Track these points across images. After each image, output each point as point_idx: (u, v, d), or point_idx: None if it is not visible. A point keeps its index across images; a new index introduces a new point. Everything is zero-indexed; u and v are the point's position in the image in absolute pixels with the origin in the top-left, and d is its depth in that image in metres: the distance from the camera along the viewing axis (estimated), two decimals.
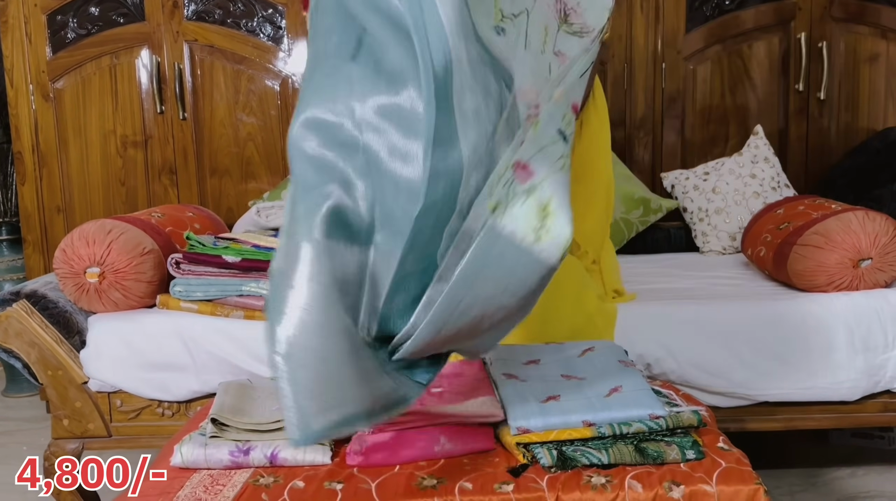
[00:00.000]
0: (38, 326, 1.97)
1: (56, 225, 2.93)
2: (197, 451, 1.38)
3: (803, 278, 2.03)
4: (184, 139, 2.88)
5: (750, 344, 1.92)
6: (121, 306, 2.00)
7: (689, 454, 1.36)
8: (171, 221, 2.24)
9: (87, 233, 1.98)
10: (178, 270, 1.99)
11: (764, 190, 2.69)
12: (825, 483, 2.34)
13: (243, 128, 2.88)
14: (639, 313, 1.96)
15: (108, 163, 2.90)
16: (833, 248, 1.98)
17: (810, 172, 2.87)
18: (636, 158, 2.88)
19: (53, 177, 2.91)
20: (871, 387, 1.97)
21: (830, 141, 2.86)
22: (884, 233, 1.97)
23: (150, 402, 2.02)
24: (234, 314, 1.97)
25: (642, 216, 2.77)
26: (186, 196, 2.91)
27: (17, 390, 3.26)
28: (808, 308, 1.95)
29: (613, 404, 1.45)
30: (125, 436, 2.03)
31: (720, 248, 2.69)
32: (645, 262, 2.57)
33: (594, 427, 1.38)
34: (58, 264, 1.98)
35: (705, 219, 2.73)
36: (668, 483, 1.29)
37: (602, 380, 1.54)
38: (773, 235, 2.22)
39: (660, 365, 1.93)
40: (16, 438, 2.85)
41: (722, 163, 2.80)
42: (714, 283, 2.24)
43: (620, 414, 1.41)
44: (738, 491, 1.29)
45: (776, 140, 2.85)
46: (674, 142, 2.87)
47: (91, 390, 2.00)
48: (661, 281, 2.28)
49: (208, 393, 1.97)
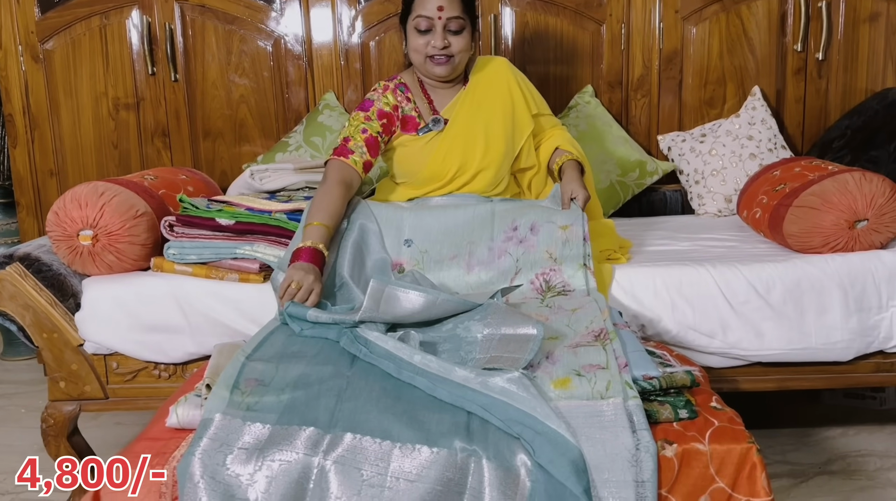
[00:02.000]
0: (33, 289, 1.96)
1: (49, 188, 2.90)
2: (192, 412, 1.39)
3: (799, 239, 2.03)
4: (176, 101, 2.85)
5: (744, 306, 1.93)
6: (115, 269, 1.99)
7: (682, 413, 1.37)
8: (164, 184, 2.22)
9: (79, 195, 1.96)
10: (172, 233, 1.98)
11: (761, 151, 2.68)
12: (816, 442, 2.36)
13: (236, 89, 2.85)
14: (633, 274, 1.96)
15: (100, 125, 2.87)
16: (829, 209, 1.97)
17: (808, 134, 2.85)
18: (633, 120, 2.86)
19: (45, 140, 2.88)
20: (864, 348, 1.98)
21: (828, 102, 2.83)
22: (880, 193, 1.96)
23: (147, 364, 2.02)
24: (228, 277, 1.96)
25: (638, 179, 2.76)
26: (180, 159, 2.88)
27: (14, 353, 3.27)
28: (804, 269, 1.95)
29: None
30: (122, 398, 2.04)
31: (716, 211, 2.68)
32: (640, 225, 2.56)
33: None
34: (50, 227, 1.96)
35: (701, 181, 2.71)
36: (661, 441, 1.30)
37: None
38: (770, 197, 2.21)
39: (654, 326, 1.93)
40: (14, 401, 2.86)
41: (719, 125, 2.78)
42: (709, 245, 2.24)
43: None
44: (730, 450, 1.31)
45: (774, 101, 2.83)
46: (671, 103, 2.84)
47: (87, 352, 2.00)
48: (657, 243, 2.27)
49: (204, 355, 1.98)
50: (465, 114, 2.07)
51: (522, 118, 2.10)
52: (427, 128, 2.07)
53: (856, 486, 2.11)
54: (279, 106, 2.87)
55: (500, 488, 1.23)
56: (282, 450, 1.26)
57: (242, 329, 1.94)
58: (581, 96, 2.81)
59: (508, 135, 2.08)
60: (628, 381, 1.38)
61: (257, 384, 1.41)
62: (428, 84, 2.11)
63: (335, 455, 1.25)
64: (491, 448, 1.27)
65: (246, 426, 1.29)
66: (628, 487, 1.24)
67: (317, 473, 1.24)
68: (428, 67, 2.02)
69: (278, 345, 1.60)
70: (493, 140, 2.06)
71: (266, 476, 1.23)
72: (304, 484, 1.23)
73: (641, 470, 1.25)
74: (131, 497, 1.25)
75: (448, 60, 2.00)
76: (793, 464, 2.23)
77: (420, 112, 2.09)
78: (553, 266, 1.87)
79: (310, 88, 2.85)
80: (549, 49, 2.82)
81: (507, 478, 1.24)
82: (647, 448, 1.26)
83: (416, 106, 2.09)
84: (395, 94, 2.08)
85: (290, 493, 1.23)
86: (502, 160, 2.07)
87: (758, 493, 1.29)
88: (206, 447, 1.26)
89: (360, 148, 2.00)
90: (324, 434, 1.28)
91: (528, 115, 2.11)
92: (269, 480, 1.23)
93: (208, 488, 1.22)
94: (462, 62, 2.04)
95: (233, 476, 1.23)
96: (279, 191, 2.25)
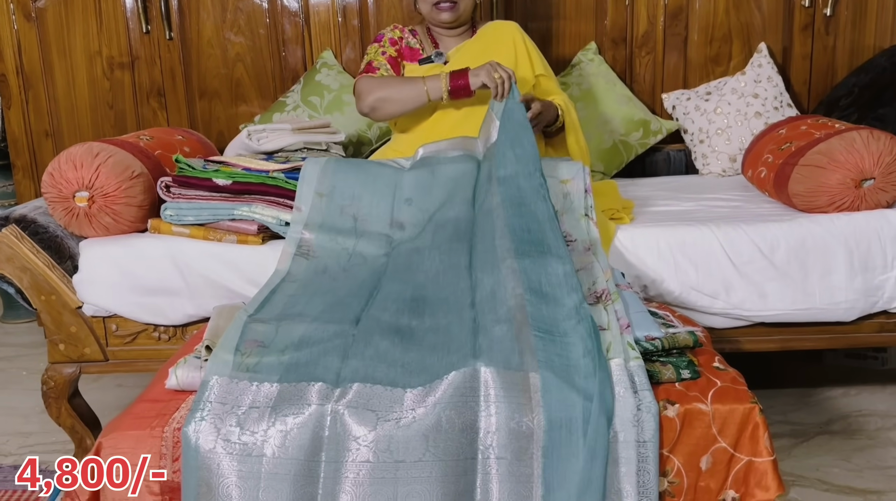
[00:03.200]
0: (30, 251, 1.94)
1: (45, 149, 2.87)
2: (192, 374, 1.38)
3: (804, 199, 2.00)
4: (171, 60, 2.80)
5: (748, 266, 1.91)
6: (112, 230, 1.98)
7: (684, 373, 1.36)
8: (160, 144, 2.19)
9: (74, 156, 1.94)
10: (169, 194, 1.96)
11: (766, 110, 2.64)
12: (818, 402, 2.37)
13: (232, 48, 2.80)
14: (636, 235, 1.94)
15: (94, 85, 2.82)
16: (835, 168, 1.95)
17: (814, 91, 2.81)
18: (637, 78, 2.81)
19: (40, 101, 2.84)
20: (868, 308, 1.97)
21: (836, 59, 2.78)
22: (888, 152, 1.93)
23: (146, 326, 2.02)
24: (226, 238, 1.94)
25: (642, 138, 2.73)
26: (176, 119, 2.84)
27: (14, 316, 3.27)
28: (808, 229, 1.94)
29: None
30: (122, 360, 2.03)
31: (720, 170, 2.65)
32: (643, 186, 2.54)
33: None
34: (46, 188, 1.94)
35: (706, 140, 2.68)
36: (663, 401, 1.30)
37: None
38: (775, 156, 2.18)
39: (656, 286, 1.92)
40: (15, 363, 2.87)
41: (724, 83, 2.73)
42: (713, 205, 2.22)
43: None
44: (732, 410, 1.30)
45: (780, 58, 2.78)
46: (676, 60, 2.79)
47: (86, 315, 2.00)
48: (660, 204, 2.25)
49: (203, 317, 1.97)
50: (467, 58, 2.09)
51: (523, 73, 2.09)
52: (429, 59, 2.17)
53: (856, 445, 2.12)
54: (276, 65, 2.82)
55: (507, 387, 1.25)
56: (294, 404, 1.26)
57: (241, 290, 1.93)
58: (584, 53, 2.76)
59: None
60: (630, 342, 1.37)
61: (258, 345, 1.41)
62: (436, 32, 2.24)
63: (346, 401, 1.25)
64: (498, 358, 1.29)
65: (253, 386, 1.29)
66: (630, 447, 1.24)
67: (331, 419, 1.24)
68: (434, 14, 2.16)
69: (280, 306, 1.59)
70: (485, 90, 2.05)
71: (280, 430, 1.23)
72: (320, 432, 1.24)
73: (643, 430, 1.25)
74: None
75: (453, 7, 2.13)
76: (794, 424, 2.23)
77: (424, 48, 2.22)
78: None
79: (307, 46, 2.80)
80: (552, 4, 2.77)
81: (516, 378, 1.26)
82: (649, 408, 1.26)
83: (421, 42, 2.23)
84: (401, 31, 2.23)
85: (306, 443, 1.23)
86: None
87: (760, 453, 1.29)
88: (215, 410, 1.26)
89: (384, 65, 2.18)
90: (332, 388, 1.28)
91: (529, 72, 2.11)
92: (283, 434, 1.23)
93: (224, 451, 1.22)
94: (467, 10, 2.16)
95: (248, 434, 1.23)
96: (277, 152, 2.22)
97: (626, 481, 1.23)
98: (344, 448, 1.22)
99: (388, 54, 2.20)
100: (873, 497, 1.89)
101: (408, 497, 1.20)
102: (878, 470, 2.00)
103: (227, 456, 1.22)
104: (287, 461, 1.22)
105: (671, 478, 1.29)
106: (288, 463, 1.22)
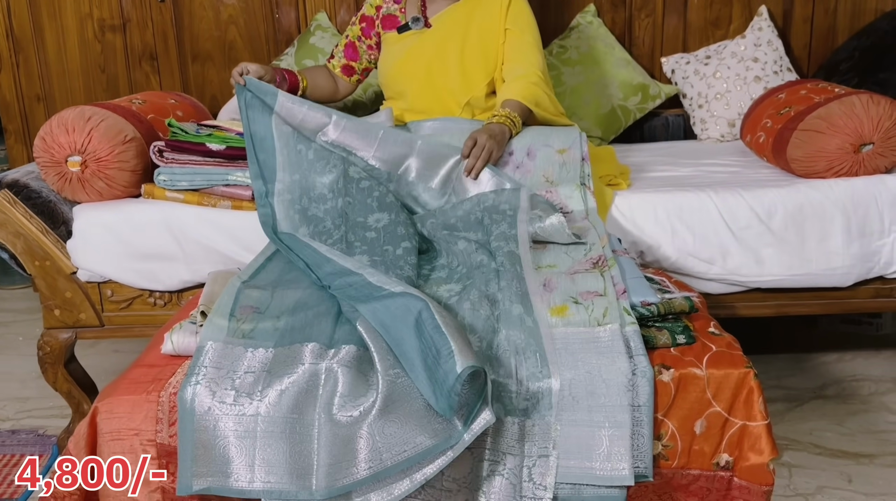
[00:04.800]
0: (23, 216, 1.93)
1: (37, 113, 2.84)
2: (187, 339, 1.39)
3: (802, 164, 2.00)
4: (163, 22, 2.76)
5: (745, 231, 1.91)
6: (105, 195, 1.96)
7: (679, 339, 1.37)
8: (152, 108, 2.17)
9: (66, 120, 1.92)
10: (162, 159, 1.94)
11: (766, 74, 2.62)
12: (813, 367, 2.39)
13: (224, 10, 2.75)
14: (633, 201, 1.93)
15: (86, 48, 2.79)
16: (834, 133, 1.93)
17: (814, 55, 2.78)
18: (636, 41, 2.78)
19: (31, 64, 2.80)
20: (864, 274, 1.97)
21: (837, 22, 2.75)
22: (887, 116, 1.92)
23: (142, 292, 2.01)
24: (221, 204, 1.93)
25: (640, 103, 2.70)
26: (169, 83, 2.81)
27: (10, 282, 3.27)
28: (806, 194, 1.93)
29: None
30: (117, 326, 2.04)
31: (718, 135, 2.63)
32: (641, 151, 2.52)
33: None
34: (38, 153, 1.93)
35: (705, 105, 2.66)
36: (658, 366, 1.30)
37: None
38: (774, 120, 2.17)
39: (653, 252, 1.92)
40: (11, 329, 2.88)
41: (724, 47, 2.70)
42: (711, 171, 2.21)
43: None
44: (727, 375, 1.31)
45: (781, 21, 2.74)
46: (675, 23, 2.76)
47: (80, 280, 1.99)
48: (657, 169, 2.24)
49: (199, 283, 1.97)
50: (449, 22, 2.08)
51: (496, 36, 2.07)
52: (406, 27, 2.12)
53: (849, 410, 2.14)
54: (269, 27, 2.78)
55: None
56: (288, 365, 1.27)
57: (237, 256, 1.92)
58: (583, 16, 2.73)
59: (486, 54, 2.07)
60: (626, 307, 1.37)
61: (253, 311, 1.41)
62: None
63: (339, 359, 1.27)
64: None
65: (248, 352, 1.30)
66: (624, 411, 1.24)
67: (325, 375, 1.26)
68: None
69: (275, 273, 1.59)
70: (469, 52, 2.06)
71: (276, 389, 1.24)
72: (314, 391, 1.25)
73: (638, 395, 1.26)
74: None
75: None
76: (788, 389, 2.25)
77: (406, 14, 2.16)
78: (549, 188, 1.85)
79: (300, 8, 2.76)
80: None
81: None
82: (644, 373, 1.26)
83: (404, 7, 2.16)
84: None
85: (302, 400, 1.24)
86: (475, 75, 2.06)
87: (754, 417, 1.30)
88: (210, 375, 1.26)
89: (340, 53, 2.25)
90: (326, 348, 1.30)
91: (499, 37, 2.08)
92: (279, 393, 1.24)
93: (220, 412, 1.24)
94: None
95: (244, 395, 1.25)
96: None
97: (621, 444, 1.24)
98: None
99: (350, 38, 2.22)
100: (865, 460, 1.92)
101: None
102: (871, 434, 2.02)
103: (223, 417, 1.23)
104: (282, 419, 1.23)
105: (665, 442, 1.30)
106: (283, 421, 1.23)
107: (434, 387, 1.19)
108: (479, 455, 1.25)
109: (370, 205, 1.72)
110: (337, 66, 2.25)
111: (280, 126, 1.85)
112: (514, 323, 1.35)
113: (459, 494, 1.24)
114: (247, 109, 1.86)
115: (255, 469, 1.22)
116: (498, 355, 1.31)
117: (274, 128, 1.85)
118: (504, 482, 1.24)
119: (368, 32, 2.21)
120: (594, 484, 1.24)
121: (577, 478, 1.24)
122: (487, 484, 1.24)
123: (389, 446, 1.18)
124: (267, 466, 1.22)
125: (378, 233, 1.66)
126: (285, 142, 1.85)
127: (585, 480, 1.24)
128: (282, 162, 1.83)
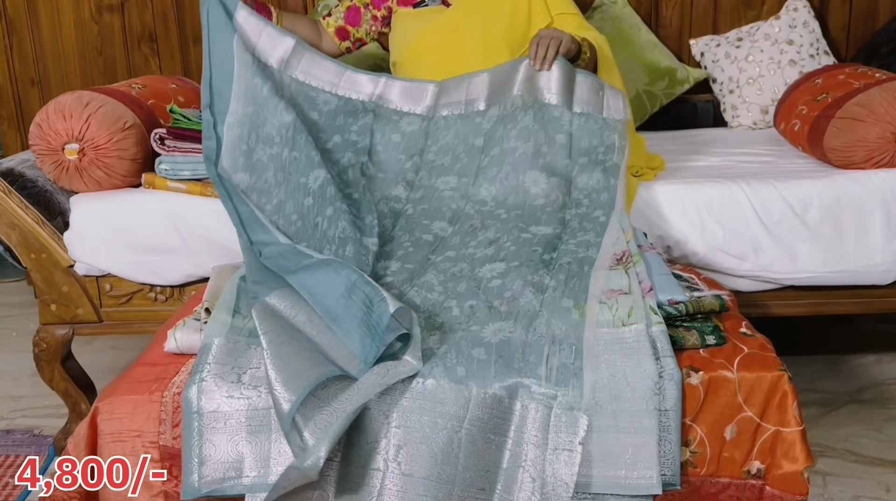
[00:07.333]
0: (18, 207, 1.95)
1: (31, 98, 2.87)
2: (191, 337, 1.40)
3: (840, 154, 1.99)
4: (163, 2, 2.77)
5: (779, 225, 1.90)
6: (104, 185, 1.98)
7: (709, 339, 1.37)
8: (152, 93, 2.18)
9: (63, 106, 1.93)
10: (163, 147, 1.95)
11: (801, 57, 2.60)
12: (849, 369, 2.38)
13: None
14: (660, 192, 1.93)
15: (82, 29, 2.80)
16: (875, 121, 1.92)
17: (853, 38, 2.76)
18: (663, 22, 2.77)
19: (25, 46, 2.82)
20: None
21: (878, 1, 2.73)
22: None
23: (142, 286, 2.03)
24: None
25: (667, 88, 2.70)
26: (169, 66, 2.83)
27: (2, 275, 3.30)
28: (844, 186, 1.92)
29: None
30: (117, 322, 2.05)
31: (750, 123, 2.62)
32: (669, 139, 2.52)
33: None
34: (34, 140, 1.94)
35: (736, 90, 2.65)
36: (687, 368, 1.30)
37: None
38: (810, 107, 2.16)
39: (681, 247, 1.92)
40: (4, 324, 2.90)
41: (757, 28, 2.69)
42: (742, 160, 2.20)
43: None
44: (760, 378, 1.31)
45: (817, 1, 2.73)
46: (705, 3, 2.75)
47: (78, 274, 2.01)
48: (685, 158, 2.23)
49: (202, 277, 1.98)
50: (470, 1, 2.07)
51: (538, 22, 2.04)
52: (423, 3, 2.11)
53: (889, 415, 2.13)
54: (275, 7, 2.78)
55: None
56: None
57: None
58: None
59: (511, 38, 2.04)
60: (653, 306, 1.37)
61: None
62: None
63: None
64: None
65: (252, 350, 1.32)
66: (651, 416, 1.25)
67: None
68: None
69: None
70: (493, 36, 2.03)
71: None
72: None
73: (665, 399, 1.26)
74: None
75: None
76: (823, 392, 2.25)
77: None
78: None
79: None
80: None
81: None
82: (671, 375, 1.26)
83: None
84: None
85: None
86: (500, 60, 2.02)
87: (788, 423, 1.30)
88: (216, 372, 1.28)
89: (340, 13, 2.19)
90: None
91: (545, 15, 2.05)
92: None
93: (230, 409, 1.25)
94: None
95: (252, 389, 1.27)
96: None
97: (647, 451, 1.24)
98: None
99: (356, 2, 2.19)
100: None
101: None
102: None
103: (234, 414, 1.25)
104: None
105: (693, 448, 1.30)
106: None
107: (362, 335, 1.26)
108: (500, 444, 1.26)
109: (312, 159, 1.73)
110: (332, 24, 2.19)
111: (242, 53, 1.82)
112: (559, 314, 1.36)
113: (475, 484, 1.24)
114: (209, 26, 1.83)
115: (271, 462, 1.24)
116: (532, 341, 1.32)
117: (235, 50, 1.82)
118: (524, 474, 1.24)
119: (378, 3, 2.18)
120: (619, 494, 1.24)
121: (601, 487, 1.24)
122: (507, 476, 1.25)
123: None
124: (285, 459, 1.24)
125: (314, 197, 1.68)
126: (244, 69, 1.81)
127: (610, 489, 1.24)
128: (237, 91, 1.79)
